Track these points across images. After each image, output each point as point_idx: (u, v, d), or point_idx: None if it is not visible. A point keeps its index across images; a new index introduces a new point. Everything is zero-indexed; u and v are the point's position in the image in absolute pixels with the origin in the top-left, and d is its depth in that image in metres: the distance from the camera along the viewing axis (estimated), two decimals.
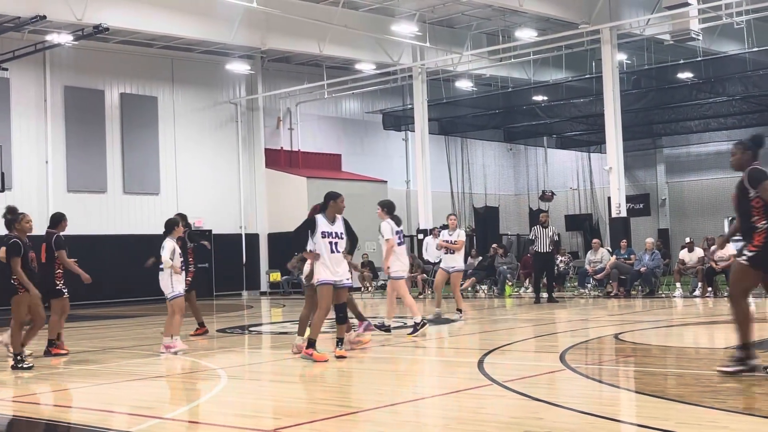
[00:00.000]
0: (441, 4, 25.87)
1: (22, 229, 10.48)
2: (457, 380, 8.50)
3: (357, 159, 32.74)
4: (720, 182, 33.87)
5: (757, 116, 29.81)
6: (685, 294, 20.15)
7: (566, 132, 34.01)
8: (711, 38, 27.10)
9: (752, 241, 7.66)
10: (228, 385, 8.64)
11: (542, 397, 7.11)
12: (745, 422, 6.01)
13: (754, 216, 7.66)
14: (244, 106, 30.36)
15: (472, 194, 35.99)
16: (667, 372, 8.89)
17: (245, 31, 25.71)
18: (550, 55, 27.93)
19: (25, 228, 10.51)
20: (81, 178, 26.03)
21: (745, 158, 7.90)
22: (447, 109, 31.32)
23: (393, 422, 6.61)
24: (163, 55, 28.07)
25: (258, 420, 6.93)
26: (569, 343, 11.19)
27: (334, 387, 8.44)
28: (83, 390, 8.83)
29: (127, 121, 27.22)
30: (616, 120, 23.82)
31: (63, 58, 25.87)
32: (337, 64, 30.45)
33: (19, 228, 10.47)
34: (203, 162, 28.76)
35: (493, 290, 23.61)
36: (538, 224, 20.48)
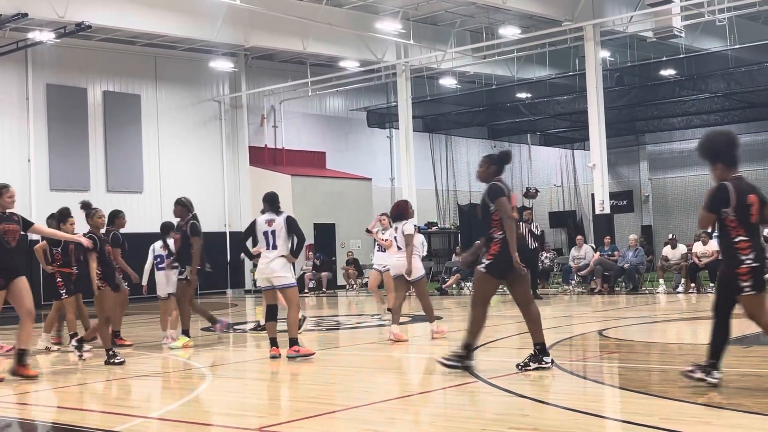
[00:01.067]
0: (424, 2, 25.86)
1: (94, 224, 10.60)
2: (442, 377, 8.51)
3: (341, 156, 32.71)
4: (703, 179, 34.00)
5: (739, 113, 29.98)
6: (669, 290, 20.25)
7: (550, 129, 34.10)
8: (693, 35, 27.23)
9: (489, 250, 8.21)
10: (213, 383, 8.62)
11: (527, 394, 7.14)
12: (729, 417, 6.06)
13: (492, 227, 8.22)
14: (228, 104, 30.28)
15: (456, 191, 36.04)
16: (650, 368, 8.94)
17: (228, 28, 25.63)
18: (534, 52, 27.99)
19: (97, 223, 10.63)
20: (64, 177, 25.89)
21: (489, 172, 8.43)
22: (431, 107, 31.34)
23: (378, 420, 6.62)
24: (146, 52, 27.94)
25: (243, 418, 6.92)
26: (553, 339, 11.22)
27: (319, 385, 8.44)
28: (67, 389, 8.79)
29: (110, 119, 27.09)
30: (599, 117, 23.91)
31: (45, 56, 25.72)
32: (321, 61, 30.40)
33: (92, 223, 10.60)
34: (187, 160, 28.66)
35: None
36: (521, 221, 20.53)
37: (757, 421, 5.91)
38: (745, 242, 6.80)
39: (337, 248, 29.10)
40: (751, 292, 6.79)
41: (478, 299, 8.36)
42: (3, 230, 9.01)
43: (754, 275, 6.80)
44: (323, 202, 28.89)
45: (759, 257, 6.82)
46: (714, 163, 6.98)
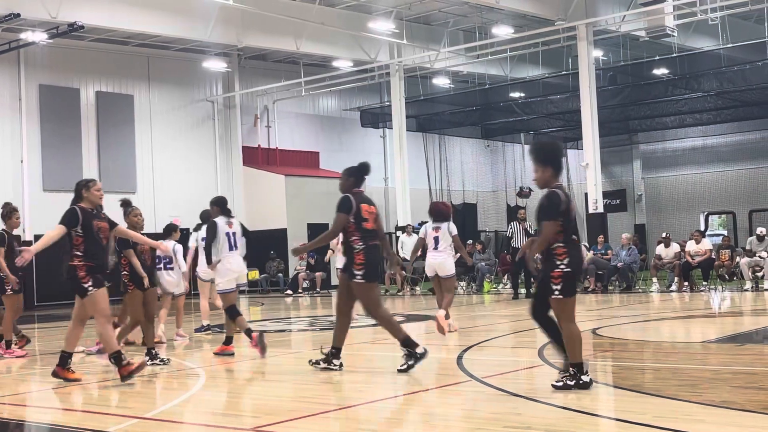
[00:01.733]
0: (418, 2, 25.88)
1: (131, 222, 10.44)
2: (436, 377, 8.52)
3: (335, 156, 32.68)
4: (695, 177, 34.15)
5: (732, 112, 30.06)
6: (662, 289, 20.29)
7: (543, 128, 34.12)
8: (686, 34, 27.29)
9: (354, 260, 8.51)
10: (207, 383, 8.62)
11: (521, 393, 7.15)
12: (721, 415, 6.08)
13: (352, 237, 8.56)
14: (221, 104, 30.25)
15: (450, 191, 36.04)
16: (644, 366, 8.96)
17: (221, 28, 25.60)
18: (527, 51, 28.02)
19: (133, 222, 10.45)
20: (57, 177, 25.81)
21: (347, 184, 8.76)
22: (424, 106, 31.34)
23: (373, 419, 6.63)
24: (139, 53, 27.91)
25: (237, 419, 6.92)
26: (547, 338, 11.24)
27: (314, 385, 8.44)
28: (61, 390, 8.78)
29: (103, 120, 27.05)
30: (592, 116, 23.94)
31: (38, 57, 25.67)
32: (315, 61, 30.40)
33: (128, 222, 10.46)
34: (180, 160, 28.62)
35: (471, 287, 23.67)
36: (515, 220, 20.58)
37: (750, 418, 5.93)
38: (562, 248, 7.02)
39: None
40: (559, 296, 6.98)
41: (373, 306, 8.66)
42: (97, 227, 8.61)
43: (565, 280, 6.97)
44: (317, 202, 28.84)
45: (573, 264, 7.00)
46: (545, 167, 7.26)
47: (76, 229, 8.45)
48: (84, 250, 8.46)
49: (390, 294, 23.51)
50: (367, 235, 8.60)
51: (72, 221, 8.45)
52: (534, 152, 7.43)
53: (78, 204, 8.62)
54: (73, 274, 8.43)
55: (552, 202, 7.11)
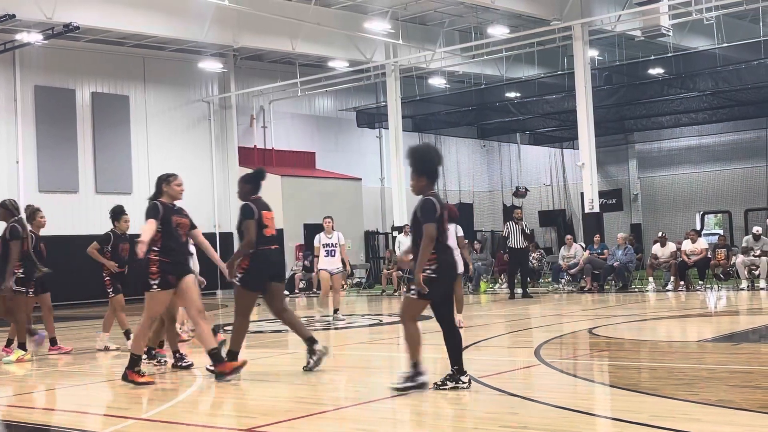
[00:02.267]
0: (413, 2, 25.88)
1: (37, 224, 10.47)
2: (432, 376, 8.52)
3: (331, 157, 32.70)
4: (691, 177, 34.19)
5: (727, 111, 30.10)
6: (658, 288, 20.31)
7: (539, 128, 34.15)
8: (681, 34, 27.32)
9: (241, 263, 8.62)
10: (203, 384, 8.61)
11: (517, 392, 7.15)
12: (718, 414, 6.08)
13: None
14: (217, 105, 30.23)
15: (446, 191, 36.04)
16: (640, 366, 8.96)
17: (217, 28, 25.58)
18: (523, 51, 28.04)
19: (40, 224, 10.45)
20: (53, 178, 25.81)
21: (245, 191, 8.89)
22: (420, 107, 31.35)
23: (369, 419, 6.62)
24: (135, 53, 27.88)
25: (234, 419, 6.91)
26: (544, 338, 11.26)
27: (310, 385, 8.43)
28: (57, 392, 8.77)
29: (99, 121, 27.02)
30: (588, 116, 23.96)
31: (33, 58, 25.63)
32: (310, 61, 30.39)
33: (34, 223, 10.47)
34: (176, 161, 28.52)
35: (468, 287, 23.68)
36: (511, 220, 20.60)
37: (746, 417, 5.94)
38: (432, 254, 7.15)
39: None
40: (414, 296, 7.21)
41: (240, 310, 8.80)
42: (176, 223, 8.52)
43: (427, 284, 7.10)
44: (313, 203, 28.86)
45: (440, 270, 7.14)
46: (419, 176, 7.35)
47: None
48: (161, 245, 8.35)
49: (387, 294, 23.51)
50: (265, 240, 8.78)
51: (153, 216, 8.36)
52: (410, 160, 7.47)
53: (158, 199, 8.55)
54: (146, 266, 8.33)
55: (427, 207, 7.23)
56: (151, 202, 8.52)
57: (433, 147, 7.63)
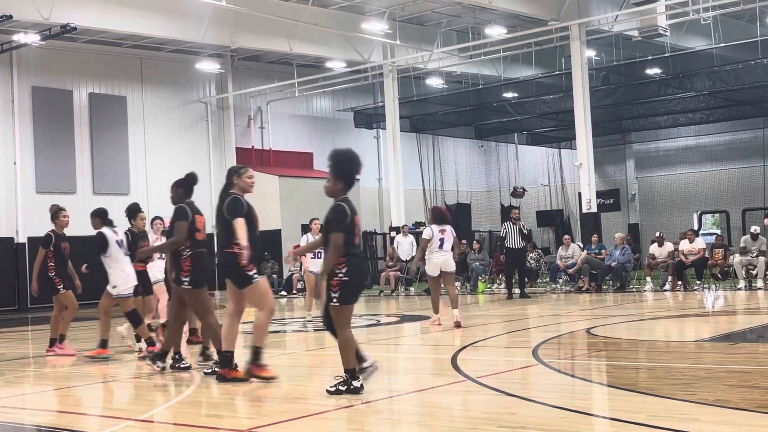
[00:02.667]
0: (411, 2, 25.87)
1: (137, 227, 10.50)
2: (430, 377, 8.53)
3: None
4: (689, 177, 34.21)
5: (724, 111, 30.12)
6: (656, 288, 20.33)
7: (536, 128, 34.16)
8: (678, 34, 27.35)
9: (182, 266, 8.82)
10: (201, 385, 8.60)
11: (515, 392, 7.15)
12: (716, 414, 6.09)
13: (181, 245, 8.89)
14: (215, 105, 30.22)
15: (444, 191, 36.07)
16: (638, 365, 8.97)
17: (214, 29, 25.57)
18: (520, 52, 28.05)
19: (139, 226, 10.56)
20: (50, 179, 25.78)
21: (177, 195, 9.18)
22: (418, 107, 31.36)
23: (367, 419, 6.63)
24: (132, 54, 27.86)
25: (232, 420, 6.91)
26: (542, 338, 11.26)
27: (307, 385, 8.44)
28: (54, 393, 8.76)
29: (96, 122, 27.00)
30: (585, 116, 23.97)
31: (30, 59, 25.61)
32: (308, 62, 30.39)
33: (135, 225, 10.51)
34: (174, 162, 28.53)
35: (465, 287, 23.68)
36: (508, 220, 20.61)
37: (743, 417, 5.95)
38: (342, 258, 7.25)
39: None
40: (336, 303, 7.26)
41: (203, 310, 8.95)
42: (254, 217, 8.49)
43: (342, 288, 7.24)
44: (311, 203, 28.68)
45: (352, 273, 7.25)
46: (337, 179, 7.45)
47: None
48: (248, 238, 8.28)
49: (384, 294, 23.51)
50: (196, 244, 8.97)
51: (239, 210, 8.27)
52: (330, 162, 7.56)
53: (231, 191, 8.45)
54: (235, 261, 8.15)
55: (338, 214, 7.35)
56: (233, 197, 8.39)
57: (355, 154, 7.68)
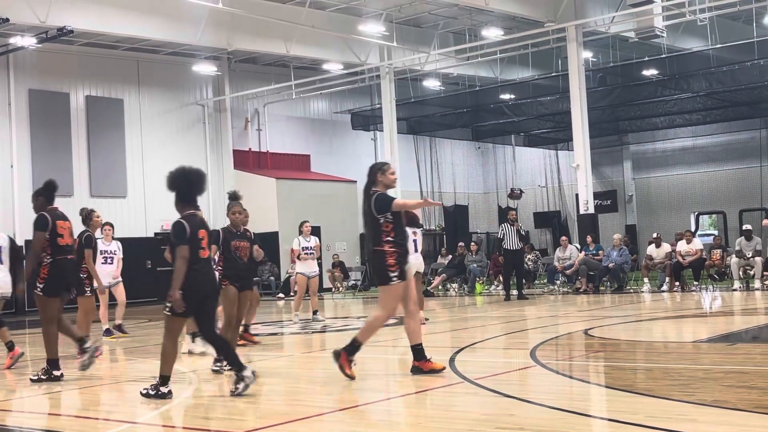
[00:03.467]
0: (407, 4, 25.89)
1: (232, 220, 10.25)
2: (428, 378, 8.52)
3: (326, 159, 32.69)
4: (686, 177, 34.24)
5: (721, 112, 30.16)
6: (653, 289, 20.34)
7: (534, 130, 34.19)
8: (675, 35, 27.37)
9: (39, 273, 9.12)
10: (201, 387, 8.60)
11: (513, 394, 7.15)
12: (713, 414, 6.09)
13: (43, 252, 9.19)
14: (212, 108, 30.21)
15: (441, 193, 36.05)
16: (636, 366, 8.98)
17: (211, 32, 25.55)
18: (517, 53, 28.06)
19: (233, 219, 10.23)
20: None
21: (38, 204, 9.34)
22: (415, 109, 31.36)
23: (365, 422, 6.62)
24: (129, 57, 27.85)
25: (230, 422, 6.90)
26: (539, 339, 11.26)
27: (304, 388, 8.43)
28: (52, 395, 8.75)
29: (93, 124, 26.98)
30: (582, 117, 23.99)
31: (27, 61, 25.60)
32: (305, 64, 30.40)
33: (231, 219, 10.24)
34: (171, 164, 27.83)
35: (463, 288, 23.70)
36: (506, 222, 20.62)
37: (742, 417, 5.95)
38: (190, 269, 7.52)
39: (322, 251, 29.06)
40: (168, 313, 7.56)
41: (46, 319, 9.14)
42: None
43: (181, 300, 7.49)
44: (308, 205, 28.84)
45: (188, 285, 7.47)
46: (175, 196, 7.85)
47: (386, 215, 8.16)
48: (395, 236, 8.16)
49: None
50: (59, 249, 9.23)
51: (385, 207, 8.16)
52: (166, 181, 7.91)
53: (374, 188, 8.33)
54: (381, 259, 8.10)
55: (176, 230, 7.61)
56: (381, 194, 8.28)
57: (194, 172, 7.95)
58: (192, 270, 7.49)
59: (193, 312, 7.63)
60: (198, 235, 7.60)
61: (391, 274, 8.08)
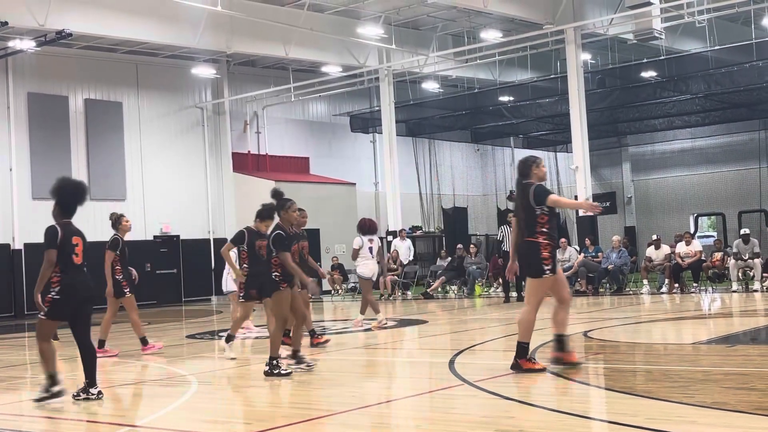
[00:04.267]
0: (406, 6, 25.91)
1: (287, 218, 9.80)
2: (428, 381, 8.52)
3: (325, 162, 32.69)
4: (685, 179, 34.27)
5: (720, 113, 30.19)
6: (653, 290, 20.33)
7: (532, 132, 34.21)
8: (673, 37, 27.39)
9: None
10: (199, 390, 8.60)
11: (513, 396, 7.16)
12: (713, 416, 6.09)
13: None
14: (211, 110, 30.20)
15: (440, 195, 36.09)
16: (635, 368, 8.97)
17: (210, 34, 25.55)
18: (516, 55, 28.07)
19: (290, 218, 9.82)
20: (46, 185, 25.33)
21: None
22: (414, 111, 31.37)
23: (365, 424, 6.62)
24: (128, 60, 27.85)
25: (230, 425, 6.90)
26: (539, 341, 11.24)
27: (305, 390, 8.43)
28: (52, 399, 8.72)
29: (92, 127, 26.98)
30: (581, 119, 23.99)
31: (26, 65, 25.59)
32: (304, 66, 30.40)
33: (285, 217, 9.80)
34: (170, 167, 28.56)
35: (462, 290, 23.69)
36: (505, 224, 20.62)
37: (741, 419, 5.95)
38: (57, 277, 7.86)
39: (321, 253, 29.08)
40: (43, 316, 7.91)
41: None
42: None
43: (52, 305, 7.86)
44: (307, 208, 28.30)
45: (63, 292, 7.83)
46: (55, 204, 8.24)
47: (542, 207, 8.25)
48: (549, 229, 8.26)
49: (382, 298, 23.49)
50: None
51: (542, 198, 8.24)
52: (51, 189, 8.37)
53: (529, 180, 8.42)
54: (536, 251, 8.15)
55: (48, 235, 7.99)
56: (539, 185, 8.37)
57: (74, 185, 8.49)
58: (65, 275, 7.87)
59: (68, 317, 7.97)
60: (72, 241, 8.00)
61: (546, 267, 8.17)
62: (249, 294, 11.10)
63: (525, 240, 8.26)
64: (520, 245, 8.36)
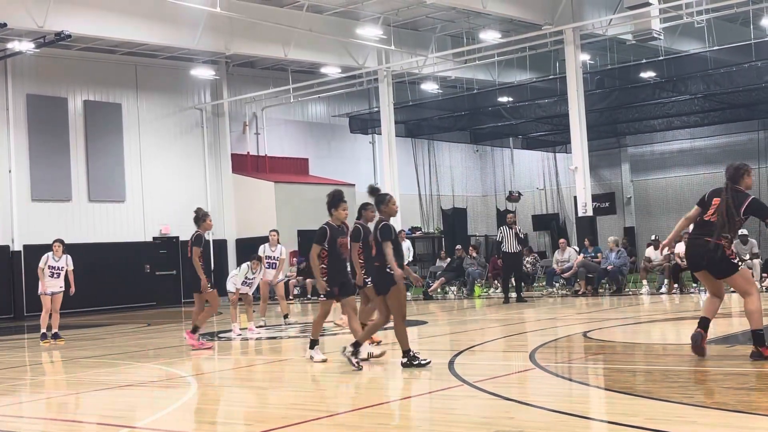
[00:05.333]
0: (405, 7, 25.91)
1: (388, 211, 9.42)
2: (427, 381, 8.52)
3: (324, 163, 32.69)
4: (684, 179, 34.25)
5: (718, 114, 30.18)
6: (652, 291, 20.34)
7: (532, 132, 34.21)
8: (672, 37, 27.40)
9: None
10: (198, 392, 8.59)
11: (513, 397, 7.15)
12: (713, 416, 6.09)
13: None
14: (210, 112, 30.21)
15: (439, 196, 36.09)
16: (635, 368, 8.97)
17: (209, 36, 25.54)
18: (515, 56, 28.08)
19: (391, 210, 9.42)
20: (45, 187, 25.75)
21: None
22: (413, 112, 31.37)
23: (365, 425, 6.62)
24: (127, 61, 27.85)
25: (230, 427, 6.90)
26: (538, 342, 11.26)
27: (305, 391, 8.43)
28: (51, 400, 8.74)
29: (92, 129, 26.98)
30: (580, 120, 24.00)
31: (25, 66, 25.59)
32: (303, 68, 30.40)
33: (386, 210, 9.44)
34: (169, 168, 28.56)
35: (462, 291, 23.69)
36: (504, 224, 20.63)
37: (741, 419, 5.95)
38: None
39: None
40: None
41: None
42: None
43: None
44: (306, 209, 28.81)
45: None
46: None
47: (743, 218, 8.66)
48: (731, 234, 8.68)
49: None
50: None
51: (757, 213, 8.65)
52: None
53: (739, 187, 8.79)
54: (723, 252, 8.55)
55: None
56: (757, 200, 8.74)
57: None
58: None
59: None
60: None
61: (734, 261, 8.69)
62: (331, 292, 10.47)
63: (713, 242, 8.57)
64: (702, 246, 8.66)
